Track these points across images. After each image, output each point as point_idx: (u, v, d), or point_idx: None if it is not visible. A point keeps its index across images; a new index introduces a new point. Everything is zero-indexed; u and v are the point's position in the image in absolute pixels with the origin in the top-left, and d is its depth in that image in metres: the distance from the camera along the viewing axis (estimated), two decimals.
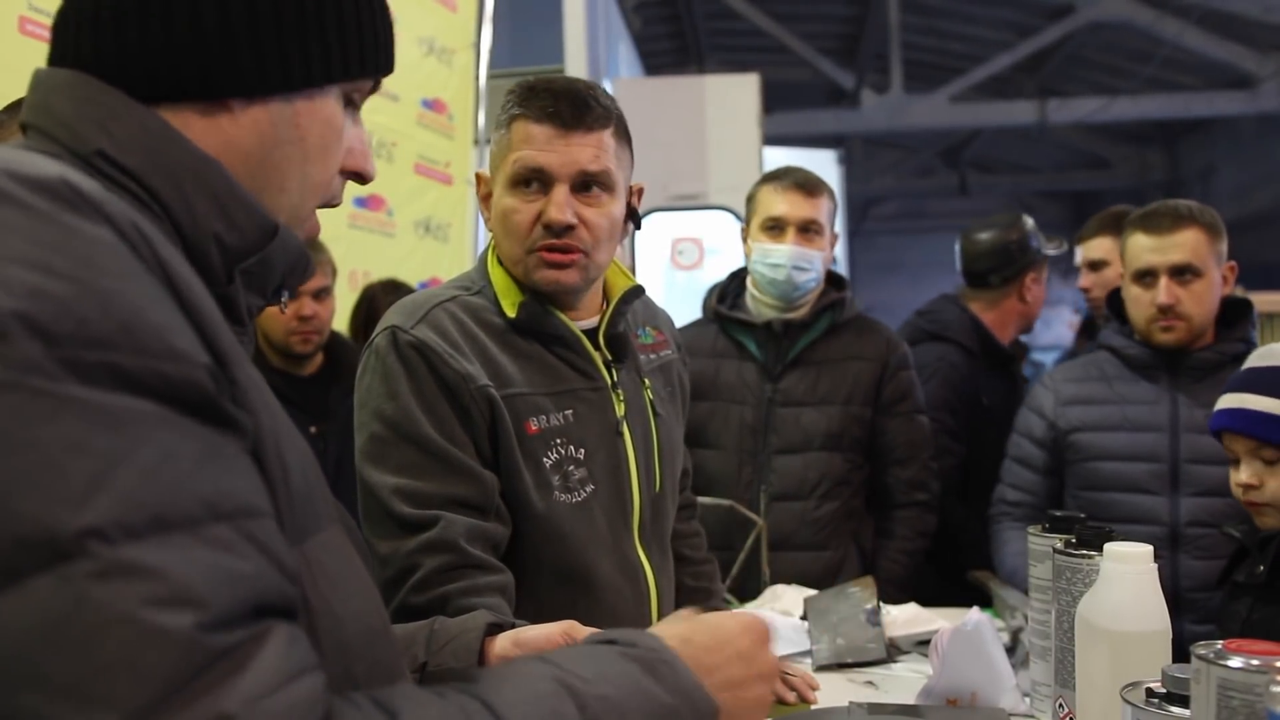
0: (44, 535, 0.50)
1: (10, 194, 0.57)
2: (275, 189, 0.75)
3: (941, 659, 1.38)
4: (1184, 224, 2.00)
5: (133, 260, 0.59)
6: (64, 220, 0.57)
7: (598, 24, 5.21)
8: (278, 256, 0.75)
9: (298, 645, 0.56)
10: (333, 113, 0.78)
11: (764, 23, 9.72)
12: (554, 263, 1.36)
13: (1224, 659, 0.87)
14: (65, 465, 0.51)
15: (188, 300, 0.61)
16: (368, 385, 1.33)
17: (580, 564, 1.38)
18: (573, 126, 1.34)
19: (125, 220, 0.60)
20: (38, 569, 0.49)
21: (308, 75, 0.74)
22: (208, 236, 0.70)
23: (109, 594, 0.49)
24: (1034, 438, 2.20)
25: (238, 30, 0.71)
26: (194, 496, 0.54)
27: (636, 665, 0.71)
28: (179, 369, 0.57)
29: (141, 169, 0.68)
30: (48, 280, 0.54)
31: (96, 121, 0.68)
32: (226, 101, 0.72)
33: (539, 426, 1.35)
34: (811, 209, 2.23)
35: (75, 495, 0.51)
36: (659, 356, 1.57)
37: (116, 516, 0.51)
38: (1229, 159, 11.85)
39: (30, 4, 1.87)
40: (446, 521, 1.26)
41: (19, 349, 0.52)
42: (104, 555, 0.50)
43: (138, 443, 0.54)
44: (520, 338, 1.39)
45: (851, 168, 10.31)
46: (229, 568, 0.54)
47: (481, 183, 1.45)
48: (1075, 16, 9.45)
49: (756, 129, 5.19)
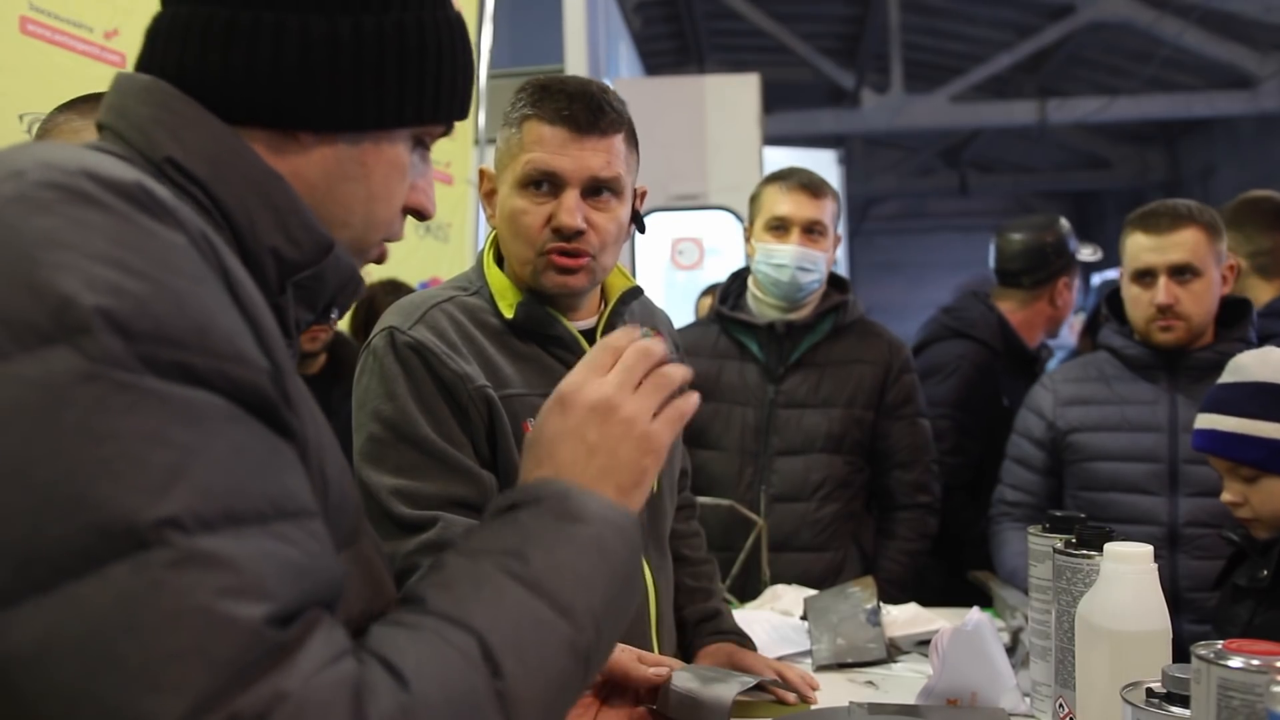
0: (124, 524, 0.51)
1: (91, 195, 0.58)
2: (339, 223, 0.77)
3: (942, 659, 1.38)
4: (1183, 224, 2.00)
5: (203, 266, 0.61)
6: (141, 222, 0.59)
7: (598, 24, 5.21)
8: (330, 274, 0.77)
9: (336, 630, 0.59)
10: (400, 154, 0.79)
11: (764, 23, 9.71)
12: (563, 267, 1.36)
13: (1224, 659, 0.87)
14: (145, 456, 0.53)
15: (249, 310, 0.63)
16: (366, 386, 1.33)
17: None
18: (586, 131, 1.34)
19: (195, 227, 0.62)
20: (117, 556, 0.51)
21: (379, 118, 0.76)
22: (265, 248, 0.72)
23: (185, 583, 0.51)
24: (1033, 438, 2.20)
25: (316, 68, 0.72)
26: (262, 492, 0.57)
27: (551, 517, 0.72)
28: (246, 373, 0.59)
29: (208, 178, 0.70)
30: (127, 279, 0.56)
31: (169, 129, 0.70)
32: (297, 134, 0.74)
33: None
34: (816, 210, 2.23)
35: (154, 486, 0.52)
36: None
37: (193, 508, 0.53)
38: (1229, 159, 11.84)
39: (31, 4, 1.87)
40: (445, 522, 1.26)
41: (101, 342, 0.53)
42: (180, 545, 0.52)
43: (212, 436, 0.56)
44: (517, 338, 1.39)
45: (851, 168, 10.30)
46: (293, 562, 0.56)
47: (486, 179, 1.45)
48: (1075, 16, 9.44)
49: (757, 129, 5.18)
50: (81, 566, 0.51)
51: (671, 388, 0.84)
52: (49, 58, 1.90)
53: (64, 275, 0.54)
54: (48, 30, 1.90)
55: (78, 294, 0.54)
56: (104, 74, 1.99)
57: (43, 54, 1.89)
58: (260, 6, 0.71)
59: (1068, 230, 2.75)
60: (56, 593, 0.50)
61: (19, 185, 0.58)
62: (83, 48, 1.98)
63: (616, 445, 0.79)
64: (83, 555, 0.51)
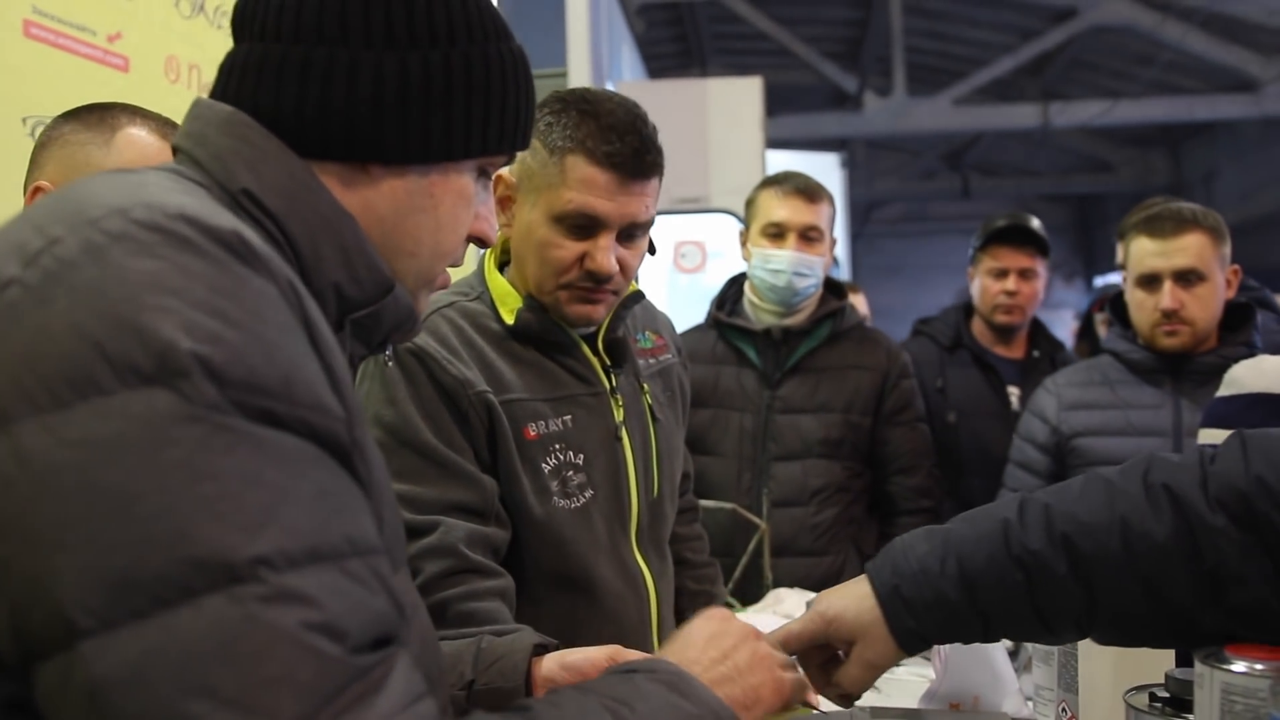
0: (221, 559, 0.54)
1: (192, 241, 0.61)
2: (407, 253, 0.80)
3: (944, 663, 1.38)
4: (1188, 228, 2.00)
5: (290, 315, 0.64)
6: (237, 271, 0.61)
7: (601, 27, 5.22)
8: (388, 313, 0.79)
9: (416, 671, 0.62)
10: (466, 185, 0.82)
11: (767, 26, 9.72)
12: (589, 300, 1.36)
13: (1227, 663, 0.86)
14: (242, 496, 0.56)
15: (326, 356, 0.66)
16: (367, 391, 1.33)
17: (580, 569, 1.38)
18: (634, 177, 1.31)
19: (284, 277, 0.65)
20: (212, 589, 0.54)
21: (448, 150, 0.79)
22: (328, 284, 0.74)
23: (275, 616, 0.54)
24: (1036, 442, 2.20)
25: (388, 102, 0.75)
26: (340, 532, 0.60)
27: (663, 686, 0.77)
28: (325, 420, 0.62)
29: (281, 211, 0.72)
30: (224, 328, 0.58)
31: (247, 161, 0.73)
32: (367, 166, 0.76)
33: (537, 432, 1.35)
34: (813, 214, 2.24)
35: (250, 525, 0.55)
36: (658, 361, 1.56)
37: (282, 546, 0.56)
38: (1232, 162, 11.84)
39: (35, 7, 1.88)
40: (446, 527, 1.26)
41: (198, 387, 0.56)
42: (271, 581, 0.55)
43: (300, 479, 0.59)
44: (518, 344, 1.39)
45: (854, 171, 10.32)
46: (364, 600, 0.59)
47: (503, 184, 1.39)
48: (1078, 20, 9.44)
49: (759, 132, 5.19)
50: (179, 597, 0.53)
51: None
52: (52, 61, 1.90)
53: (166, 320, 0.57)
54: (51, 33, 1.91)
55: (178, 340, 0.56)
56: (107, 77, 1.99)
57: (46, 57, 1.89)
58: (335, 43, 0.74)
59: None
60: (154, 620, 0.53)
61: (124, 224, 0.60)
62: (86, 51, 1.98)
63: (747, 665, 0.88)
64: (181, 586, 0.53)
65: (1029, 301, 2.65)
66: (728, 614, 0.94)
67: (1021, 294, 2.62)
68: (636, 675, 0.78)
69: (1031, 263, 2.64)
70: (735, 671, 0.87)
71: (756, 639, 0.92)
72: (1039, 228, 2.69)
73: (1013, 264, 2.62)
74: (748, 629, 0.93)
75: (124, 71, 2.01)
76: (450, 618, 1.21)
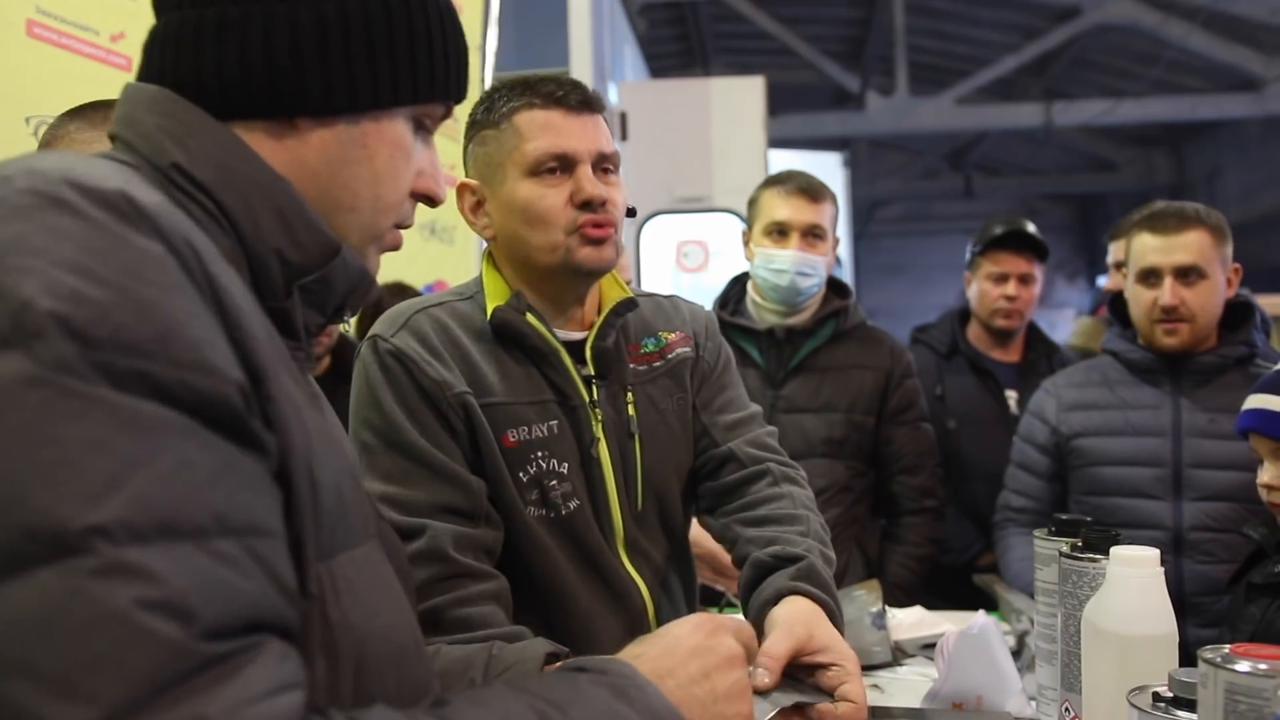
0: (53, 529, 0.51)
1: (68, 202, 0.59)
2: (346, 208, 0.78)
3: (947, 663, 1.38)
4: (1190, 225, 2.00)
5: (179, 274, 0.60)
6: (115, 230, 0.59)
7: (603, 26, 5.22)
8: (338, 276, 0.77)
9: (287, 663, 0.57)
10: (400, 134, 0.80)
11: (769, 25, 9.72)
12: (595, 238, 1.33)
13: (1231, 663, 0.86)
14: (84, 463, 0.52)
15: (231, 316, 0.62)
16: (355, 394, 1.32)
17: (553, 581, 1.34)
18: (581, 109, 1.34)
19: (178, 235, 0.62)
20: (42, 561, 0.50)
21: (375, 98, 0.76)
22: (270, 251, 0.72)
23: (105, 592, 0.50)
24: (1037, 443, 2.20)
25: (306, 52, 0.73)
26: (206, 508, 0.56)
27: (606, 690, 0.73)
28: (209, 383, 0.58)
29: (213, 183, 0.71)
30: (90, 286, 0.56)
31: (175, 136, 0.71)
32: (295, 121, 0.75)
33: (516, 439, 1.32)
34: (815, 214, 2.23)
35: (89, 493, 0.52)
36: (666, 361, 1.48)
37: (125, 518, 0.52)
38: (1235, 161, 11.83)
39: (38, 7, 1.88)
40: (433, 531, 1.23)
41: (53, 348, 0.53)
42: (107, 554, 0.51)
43: (158, 449, 0.55)
44: (505, 347, 1.36)
45: (857, 170, 10.30)
46: (228, 581, 0.55)
47: (469, 192, 1.39)
48: (1081, 19, 9.44)
49: (762, 131, 5.19)
50: (8, 568, 0.50)
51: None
52: (55, 60, 1.90)
53: (26, 280, 0.54)
54: (54, 33, 1.91)
55: (37, 299, 0.54)
56: (110, 77, 1.99)
57: (49, 57, 1.89)
58: (247, 0, 0.72)
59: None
60: None
61: (3, 191, 0.59)
62: (89, 50, 1.98)
63: (725, 693, 0.85)
64: (11, 557, 0.51)
65: (1028, 306, 2.66)
66: (720, 626, 0.89)
67: (1021, 299, 2.63)
68: (582, 676, 0.75)
69: (1030, 268, 2.65)
70: (710, 697, 0.83)
71: (742, 667, 0.88)
72: (1037, 232, 2.70)
73: (1013, 269, 2.63)
74: (736, 653, 0.88)
75: (127, 71, 2.01)
76: (444, 624, 1.19)
